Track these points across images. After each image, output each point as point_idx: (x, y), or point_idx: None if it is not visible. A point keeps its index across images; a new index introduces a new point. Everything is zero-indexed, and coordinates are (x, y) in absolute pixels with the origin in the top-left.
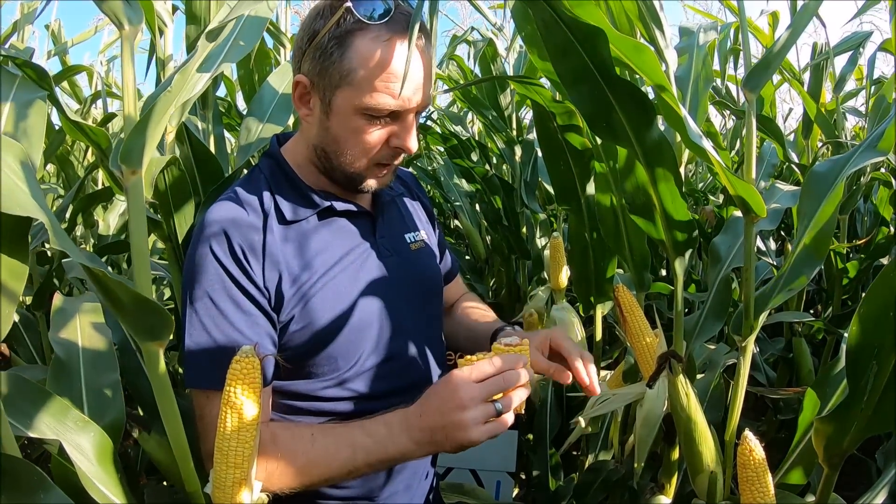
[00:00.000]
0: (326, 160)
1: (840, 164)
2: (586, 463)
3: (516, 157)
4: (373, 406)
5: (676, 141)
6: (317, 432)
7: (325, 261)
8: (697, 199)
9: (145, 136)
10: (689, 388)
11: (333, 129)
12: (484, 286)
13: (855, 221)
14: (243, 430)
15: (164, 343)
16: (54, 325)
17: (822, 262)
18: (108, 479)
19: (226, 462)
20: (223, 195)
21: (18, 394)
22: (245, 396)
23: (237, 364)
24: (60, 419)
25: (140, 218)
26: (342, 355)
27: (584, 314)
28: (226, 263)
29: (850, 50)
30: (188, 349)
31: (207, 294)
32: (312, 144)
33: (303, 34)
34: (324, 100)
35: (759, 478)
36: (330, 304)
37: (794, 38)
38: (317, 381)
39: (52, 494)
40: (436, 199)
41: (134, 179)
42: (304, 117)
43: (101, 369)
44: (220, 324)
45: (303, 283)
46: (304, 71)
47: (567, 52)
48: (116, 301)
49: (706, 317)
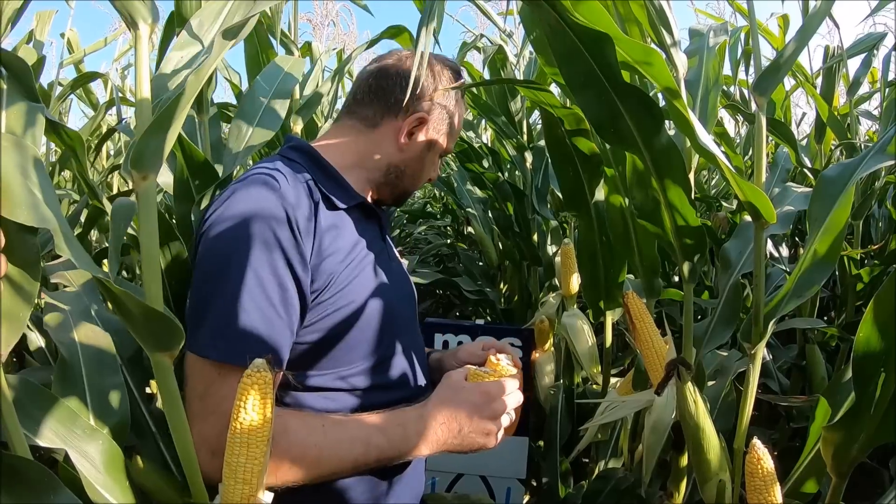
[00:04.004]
0: (398, 178)
1: (851, 169)
2: (596, 470)
3: (527, 163)
4: (378, 398)
5: (686, 146)
6: (328, 424)
7: (362, 249)
8: (710, 205)
9: (158, 139)
10: (697, 396)
11: (425, 160)
12: (496, 292)
13: (869, 227)
14: (253, 445)
15: (174, 353)
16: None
17: (833, 267)
18: (115, 487)
19: (234, 477)
20: (257, 173)
21: (28, 398)
22: (255, 411)
23: (248, 378)
24: (68, 426)
25: (151, 225)
26: (371, 341)
27: (594, 321)
28: (280, 236)
29: (864, 52)
30: (214, 316)
31: (251, 264)
32: (388, 163)
33: (426, 82)
34: (433, 139)
35: (767, 487)
36: (365, 288)
37: (804, 41)
38: (329, 373)
39: (61, 495)
40: (448, 206)
41: (145, 185)
42: (402, 145)
43: (105, 371)
44: (256, 298)
45: (346, 265)
46: (424, 110)
47: (573, 57)
48: (125, 311)
49: (716, 323)
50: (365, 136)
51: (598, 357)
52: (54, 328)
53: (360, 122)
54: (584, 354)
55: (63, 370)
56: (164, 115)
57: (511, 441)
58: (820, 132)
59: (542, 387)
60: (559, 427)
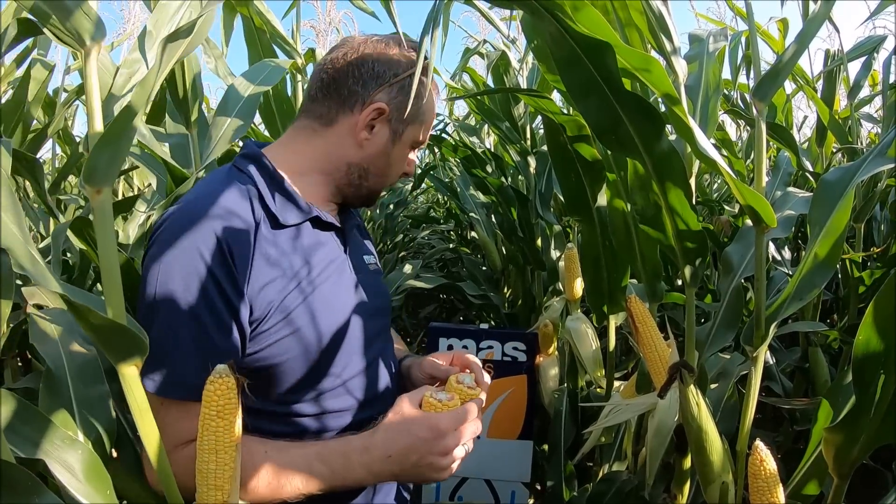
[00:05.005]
0: (361, 178)
1: (851, 173)
2: (600, 473)
3: (531, 168)
4: (338, 422)
5: (687, 151)
6: (270, 451)
7: (312, 269)
8: (712, 209)
9: (110, 153)
10: (699, 398)
11: (391, 155)
12: (499, 297)
13: (871, 229)
14: (221, 451)
15: (139, 363)
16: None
17: (833, 271)
18: (97, 496)
19: (206, 484)
20: (200, 192)
21: (9, 412)
22: (222, 418)
23: (212, 385)
24: (47, 436)
25: (109, 238)
26: (322, 366)
27: (598, 325)
28: (211, 265)
29: (864, 55)
30: (152, 347)
31: (182, 295)
32: (348, 163)
33: (383, 68)
34: (396, 130)
35: (769, 488)
36: (314, 313)
37: (803, 45)
38: (286, 396)
39: (46, 499)
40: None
41: (100, 199)
42: (363, 139)
43: (89, 381)
44: (192, 331)
45: (287, 292)
46: (382, 100)
47: (574, 65)
48: (88, 324)
49: (718, 327)
50: (321, 137)
51: (601, 360)
52: (40, 341)
53: (316, 121)
54: (588, 358)
55: (49, 381)
56: (113, 130)
57: (515, 444)
58: (821, 136)
59: (547, 390)
60: (563, 430)
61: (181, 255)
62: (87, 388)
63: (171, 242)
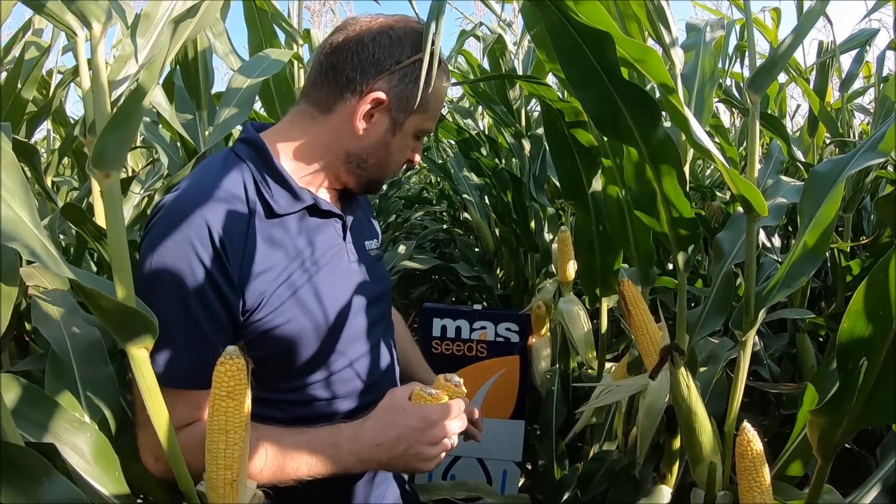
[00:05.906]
0: (360, 167)
1: (841, 165)
2: (591, 452)
3: (525, 151)
4: (334, 409)
5: (682, 140)
6: (262, 437)
7: (308, 258)
8: (704, 195)
9: (118, 137)
10: (690, 381)
11: (391, 145)
12: (493, 278)
13: (861, 219)
14: (231, 431)
15: (149, 345)
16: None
17: (821, 260)
18: (107, 479)
19: (215, 463)
20: (195, 179)
21: (15, 396)
22: (232, 398)
23: (222, 366)
24: (56, 420)
25: (118, 222)
26: (316, 356)
27: (590, 307)
28: (202, 256)
29: (857, 48)
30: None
31: (173, 286)
32: (346, 152)
33: (384, 54)
34: (397, 120)
35: (756, 468)
36: (309, 303)
37: (799, 39)
38: (280, 385)
39: (56, 482)
40: (445, 191)
41: (109, 182)
42: (361, 129)
43: (95, 363)
44: (182, 323)
45: (281, 281)
46: (382, 89)
47: (575, 56)
48: (98, 307)
49: (708, 311)
50: (319, 124)
51: (593, 342)
52: (43, 323)
53: (314, 107)
54: (580, 340)
55: (55, 364)
56: (121, 113)
57: (507, 424)
58: (813, 126)
59: (539, 371)
60: (555, 411)
61: (173, 247)
62: (93, 370)
63: (165, 233)
